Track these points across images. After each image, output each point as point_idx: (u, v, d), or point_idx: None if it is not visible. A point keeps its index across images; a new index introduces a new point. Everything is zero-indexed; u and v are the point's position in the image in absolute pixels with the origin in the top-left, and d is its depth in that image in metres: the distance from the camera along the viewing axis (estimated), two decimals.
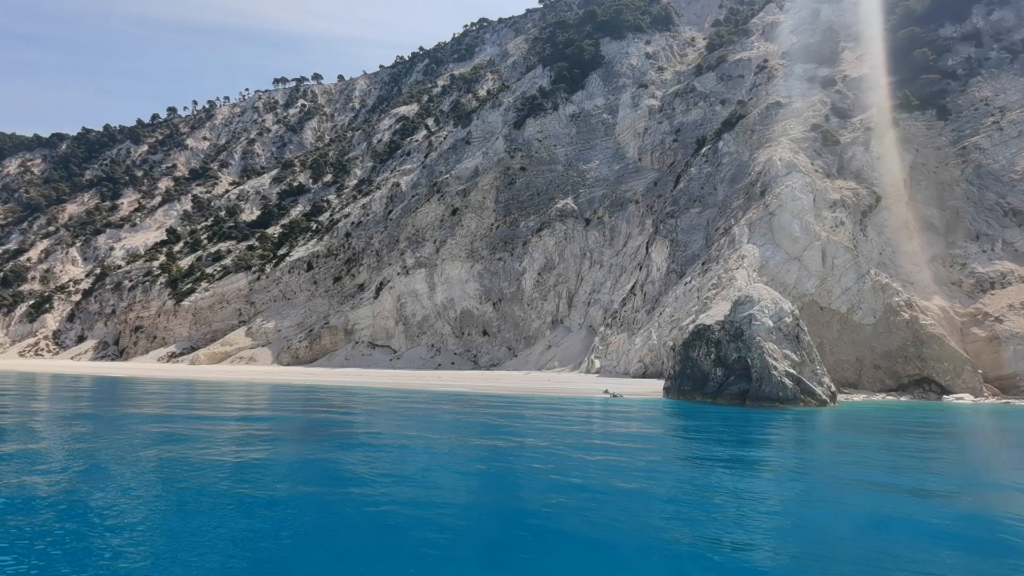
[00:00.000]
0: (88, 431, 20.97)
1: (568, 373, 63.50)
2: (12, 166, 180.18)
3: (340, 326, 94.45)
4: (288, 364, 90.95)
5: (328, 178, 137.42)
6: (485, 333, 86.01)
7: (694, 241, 60.26)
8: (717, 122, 75.77)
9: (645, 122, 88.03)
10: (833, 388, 32.92)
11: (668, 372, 40.27)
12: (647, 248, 64.08)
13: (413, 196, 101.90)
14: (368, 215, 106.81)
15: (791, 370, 31.86)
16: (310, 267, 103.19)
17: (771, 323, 33.39)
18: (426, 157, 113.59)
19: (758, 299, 34.73)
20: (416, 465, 16.01)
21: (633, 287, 62.14)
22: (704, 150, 66.58)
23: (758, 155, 59.19)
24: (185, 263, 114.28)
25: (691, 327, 39.23)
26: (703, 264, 53.09)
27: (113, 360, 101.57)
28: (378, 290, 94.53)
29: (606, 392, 39.12)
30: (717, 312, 39.49)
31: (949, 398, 42.24)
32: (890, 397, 42.59)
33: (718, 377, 34.38)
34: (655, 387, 41.67)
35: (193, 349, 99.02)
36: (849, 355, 44.83)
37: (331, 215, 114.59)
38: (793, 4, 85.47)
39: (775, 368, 31.42)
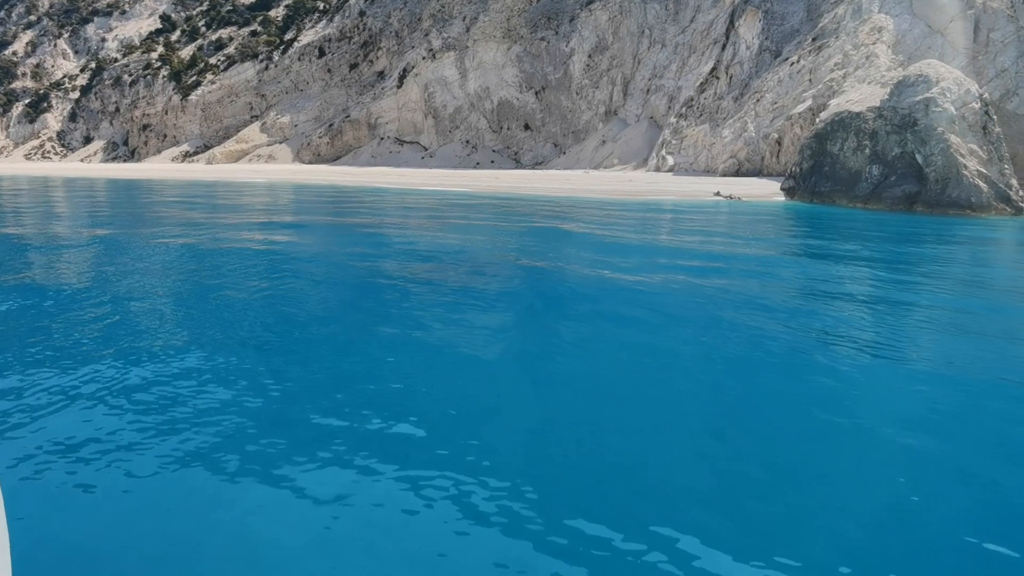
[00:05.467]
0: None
1: (633, 172, 57.16)
2: None
3: (362, 120, 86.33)
4: (310, 162, 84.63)
5: None
6: (527, 127, 78.06)
7: (792, 13, 50.22)
8: None
9: None
10: (1022, 192, 26.86)
11: (789, 170, 34.04)
12: (731, 22, 54.10)
13: None
14: None
15: (982, 169, 25.60)
16: (322, 53, 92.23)
17: (953, 110, 26.42)
18: None
19: (936, 79, 27.33)
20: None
21: (714, 69, 53.34)
22: None
23: None
24: (186, 54, 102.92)
25: (824, 115, 32.22)
26: (813, 40, 44.09)
27: (125, 161, 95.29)
28: (401, 78, 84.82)
29: (718, 195, 33.24)
30: (859, 97, 32.21)
31: None
32: None
33: (873, 177, 28.23)
34: (768, 188, 35.71)
35: (207, 147, 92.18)
36: None
37: None
38: None
39: (965, 167, 25.13)
